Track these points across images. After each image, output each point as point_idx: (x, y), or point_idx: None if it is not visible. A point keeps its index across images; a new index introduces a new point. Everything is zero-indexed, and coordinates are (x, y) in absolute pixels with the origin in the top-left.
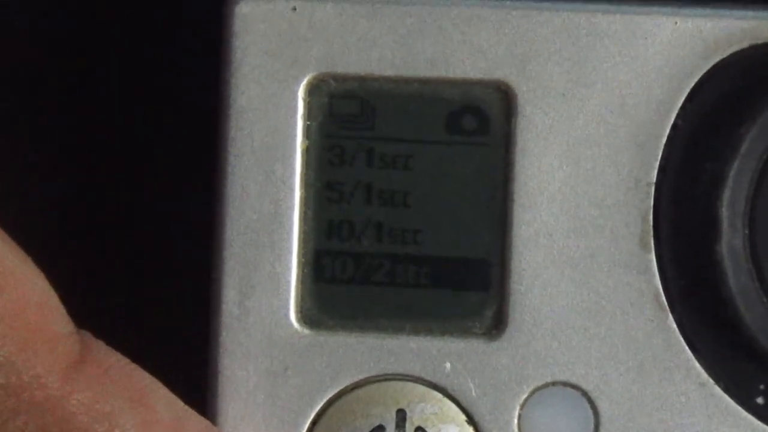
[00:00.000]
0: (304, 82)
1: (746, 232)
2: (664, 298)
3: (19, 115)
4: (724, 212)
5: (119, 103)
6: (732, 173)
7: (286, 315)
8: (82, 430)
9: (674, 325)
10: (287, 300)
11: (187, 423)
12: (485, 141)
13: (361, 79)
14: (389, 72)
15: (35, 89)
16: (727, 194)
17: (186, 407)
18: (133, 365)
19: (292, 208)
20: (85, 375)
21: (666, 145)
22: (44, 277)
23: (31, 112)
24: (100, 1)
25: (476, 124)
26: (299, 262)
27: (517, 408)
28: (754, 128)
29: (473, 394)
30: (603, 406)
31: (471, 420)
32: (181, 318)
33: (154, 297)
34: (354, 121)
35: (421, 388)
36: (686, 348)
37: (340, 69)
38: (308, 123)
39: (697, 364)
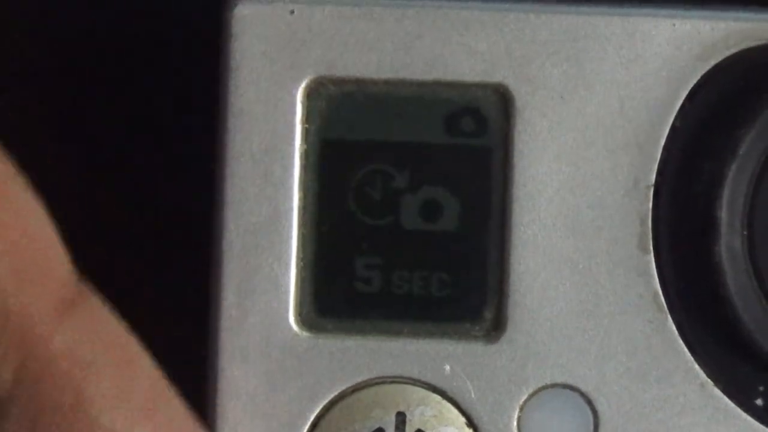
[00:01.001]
0: (303, 85)
1: (745, 233)
2: (663, 300)
3: (17, 116)
4: (723, 213)
5: (117, 105)
6: (731, 174)
7: (286, 317)
8: (62, 374)
9: (673, 327)
10: (286, 303)
11: (164, 398)
12: (484, 143)
13: (360, 82)
14: (388, 74)
15: (32, 90)
16: (725, 195)
17: (167, 385)
18: (124, 327)
19: (290, 212)
20: (74, 319)
21: (665, 146)
22: (48, 218)
23: (27, 113)
24: (99, 4)
25: (475, 126)
26: (298, 265)
27: (517, 410)
28: (753, 129)
29: (472, 396)
30: (602, 408)
31: (470, 422)
32: (181, 320)
33: (153, 299)
34: (353, 124)
35: (421, 391)
36: (685, 349)
37: (339, 72)
38: (306, 126)
39: (696, 366)
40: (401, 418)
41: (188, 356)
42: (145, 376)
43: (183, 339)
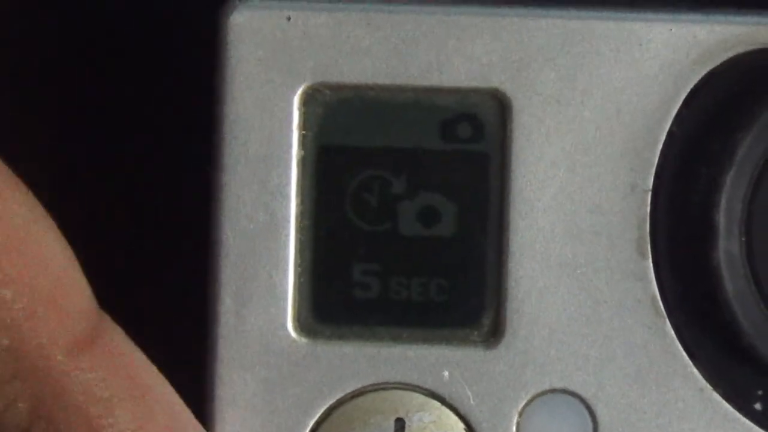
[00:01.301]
0: (299, 91)
1: (743, 238)
2: (661, 305)
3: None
4: (721, 218)
5: (114, 111)
6: (728, 179)
7: (284, 324)
8: (76, 408)
9: (672, 332)
10: (284, 309)
11: (181, 428)
12: (481, 148)
13: (356, 88)
14: (384, 80)
15: (31, 91)
16: (723, 200)
17: (187, 412)
18: (144, 359)
19: (288, 218)
20: (92, 356)
21: (662, 151)
22: (70, 250)
23: (26, 115)
24: (97, 10)
25: (471, 132)
26: (296, 271)
27: (516, 415)
28: (750, 133)
29: (471, 402)
30: (601, 413)
31: (469, 428)
32: (178, 327)
33: (151, 307)
34: (349, 130)
35: (420, 397)
36: (684, 354)
37: (335, 78)
38: (303, 133)
39: (695, 370)
40: (400, 425)
41: (187, 360)
42: (164, 408)
43: (182, 343)
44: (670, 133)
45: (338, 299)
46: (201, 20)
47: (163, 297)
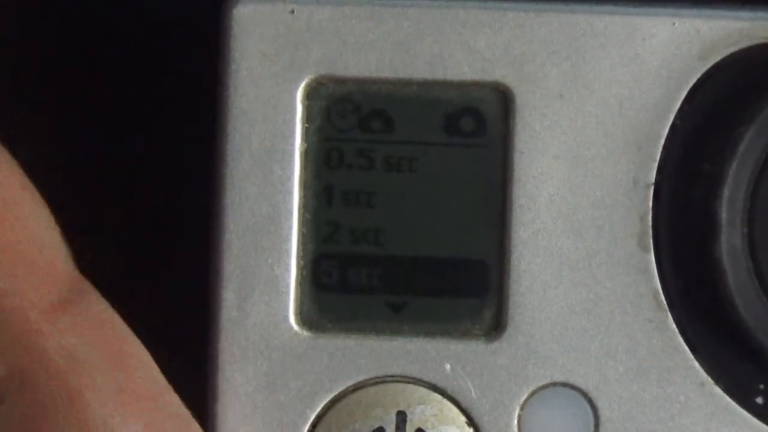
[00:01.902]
0: (303, 84)
1: (745, 230)
2: (663, 298)
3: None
4: (723, 211)
5: (117, 105)
6: (731, 172)
7: (286, 317)
8: (55, 371)
9: (673, 325)
10: (286, 302)
11: (159, 395)
12: (483, 142)
13: (360, 82)
14: (387, 74)
15: (33, 91)
16: (725, 193)
17: (163, 378)
18: (123, 324)
19: (290, 211)
20: (71, 318)
21: (664, 145)
22: (49, 213)
23: (28, 113)
24: (98, 3)
25: (474, 126)
26: (298, 265)
27: (517, 409)
28: (753, 127)
29: (473, 395)
30: (603, 407)
31: (471, 421)
32: (180, 321)
33: (152, 300)
34: (353, 123)
35: (421, 390)
36: (686, 348)
37: (339, 72)
38: (306, 126)
39: (697, 364)
40: (402, 417)
41: (188, 356)
42: (141, 372)
43: (183, 339)
44: (672, 128)
45: (340, 292)
46: (201, 19)
47: (165, 290)
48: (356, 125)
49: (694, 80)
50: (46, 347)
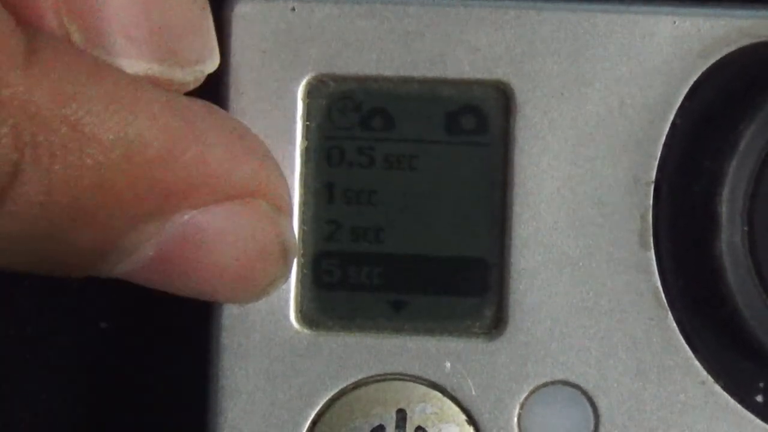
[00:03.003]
0: (303, 82)
1: (745, 228)
2: (663, 296)
3: None
4: (724, 209)
5: None
6: (731, 170)
7: (286, 315)
8: (52, 117)
9: (674, 324)
10: (287, 300)
11: (143, 93)
12: (484, 140)
13: (361, 80)
14: (388, 72)
15: None
16: (726, 191)
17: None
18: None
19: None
20: (42, 63)
21: (665, 143)
22: None
23: None
24: None
25: (475, 124)
26: (299, 262)
27: (517, 407)
28: (753, 125)
29: (473, 393)
30: (603, 405)
31: (471, 419)
32: (181, 318)
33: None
34: (353, 122)
35: (421, 388)
36: (686, 346)
37: (340, 70)
38: (307, 123)
39: (697, 363)
40: (402, 415)
41: (188, 356)
42: (124, 76)
43: (183, 336)
44: (673, 125)
45: (341, 290)
46: None
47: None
48: (357, 123)
49: (694, 78)
50: (34, 101)
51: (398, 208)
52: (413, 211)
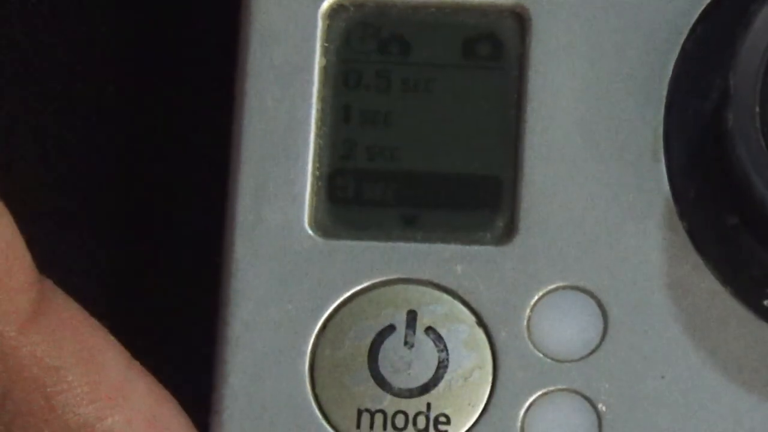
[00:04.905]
0: (324, 6)
1: (757, 110)
2: (673, 204)
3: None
4: (736, 82)
5: (138, 34)
6: (743, 50)
7: (301, 222)
8: (31, 381)
9: (684, 232)
10: (301, 209)
11: (134, 385)
12: (500, 65)
13: (379, 5)
14: None
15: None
16: (739, 65)
17: (138, 368)
18: (90, 320)
19: (308, 122)
20: (41, 327)
21: (676, 63)
22: (12, 222)
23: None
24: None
25: (491, 50)
26: (314, 175)
27: (527, 310)
28: (766, 6)
29: (483, 296)
30: (612, 310)
31: (481, 321)
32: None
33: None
34: (371, 46)
35: (432, 291)
36: (696, 253)
37: None
38: (326, 45)
39: (706, 269)
40: (412, 316)
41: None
42: (114, 367)
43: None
44: (683, 47)
45: (355, 205)
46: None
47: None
48: (375, 48)
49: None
50: (22, 360)
51: (413, 129)
52: (428, 131)
